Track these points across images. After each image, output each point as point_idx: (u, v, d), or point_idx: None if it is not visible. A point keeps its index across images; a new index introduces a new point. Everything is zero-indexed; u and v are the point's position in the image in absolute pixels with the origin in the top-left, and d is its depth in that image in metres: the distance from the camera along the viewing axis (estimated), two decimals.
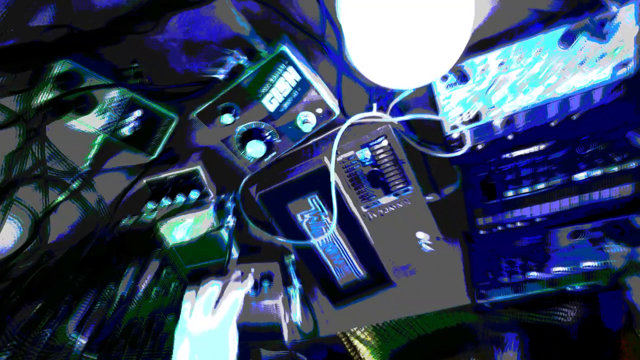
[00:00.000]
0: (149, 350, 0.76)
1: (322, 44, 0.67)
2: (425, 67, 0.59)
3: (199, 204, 0.76)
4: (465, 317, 0.92)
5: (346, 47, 0.65)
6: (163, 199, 0.75)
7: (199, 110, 0.69)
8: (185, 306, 0.68)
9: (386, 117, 0.69)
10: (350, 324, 0.96)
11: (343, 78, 0.70)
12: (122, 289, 0.77)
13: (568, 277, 0.77)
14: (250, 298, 0.80)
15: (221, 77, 0.68)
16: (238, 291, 0.70)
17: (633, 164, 0.68)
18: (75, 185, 0.80)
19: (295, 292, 0.83)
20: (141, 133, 0.73)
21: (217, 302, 0.68)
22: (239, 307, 0.69)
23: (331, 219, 0.74)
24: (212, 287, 0.68)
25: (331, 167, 0.71)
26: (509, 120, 0.68)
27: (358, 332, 0.99)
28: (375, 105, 0.70)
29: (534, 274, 0.77)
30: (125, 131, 0.72)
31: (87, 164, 0.77)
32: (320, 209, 0.75)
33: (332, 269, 0.81)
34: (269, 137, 0.71)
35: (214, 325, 0.65)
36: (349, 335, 0.99)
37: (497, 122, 0.69)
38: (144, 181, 0.77)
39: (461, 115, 0.69)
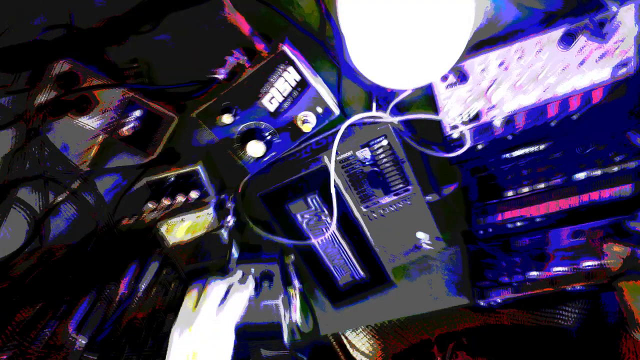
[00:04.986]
0: (149, 350, 0.76)
1: (322, 44, 0.67)
2: (425, 67, 0.59)
3: (199, 204, 0.76)
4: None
5: (346, 47, 0.65)
6: (163, 199, 0.75)
7: (199, 110, 0.69)
8: (186, 305, 0.68)
9: (386, 117, 0.69)
10: (350, 323, 0.96)
11: (343, 78, 0.70)
12: (122, 289, 0.77)
13: (568, 277, 0.77)
14: (251, 298, 0.80)
15: (221, 77, 0.68)
16: (243, 293, 0.70)
17: (633, 164, 0.68)
18: (75, 185, 0.80)
19: (295, 292, 0.83)
20: (141, 133, 0.73)
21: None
22: (243, 309, 0.69)
23: (331, 219, 0.74)
24: (217, 288, 0.68)
25: (331, 167, 0.71)
26: (509, 120, 0.68)
27: (354, 341, 0.98)
28: (375, 105, 0.70)
29: (534, 274, 0.77)
30: (125, 131, 0.72)
31: (87, 164, 0.77)
32: (320, 209, 0.75)
33: (332, 269, 0.81)
34: (269, 137, 0.71)
35: (216, 326, 0.65)
36: (346, 344, 0.99)
37: (497, 122, 0.69)
38: (144, 181, 0.77)
39: (461, 115, 0.69)
